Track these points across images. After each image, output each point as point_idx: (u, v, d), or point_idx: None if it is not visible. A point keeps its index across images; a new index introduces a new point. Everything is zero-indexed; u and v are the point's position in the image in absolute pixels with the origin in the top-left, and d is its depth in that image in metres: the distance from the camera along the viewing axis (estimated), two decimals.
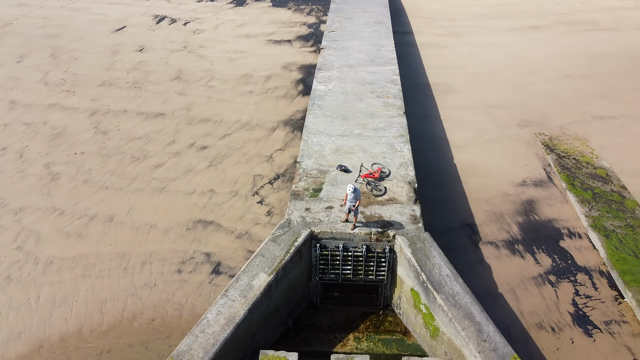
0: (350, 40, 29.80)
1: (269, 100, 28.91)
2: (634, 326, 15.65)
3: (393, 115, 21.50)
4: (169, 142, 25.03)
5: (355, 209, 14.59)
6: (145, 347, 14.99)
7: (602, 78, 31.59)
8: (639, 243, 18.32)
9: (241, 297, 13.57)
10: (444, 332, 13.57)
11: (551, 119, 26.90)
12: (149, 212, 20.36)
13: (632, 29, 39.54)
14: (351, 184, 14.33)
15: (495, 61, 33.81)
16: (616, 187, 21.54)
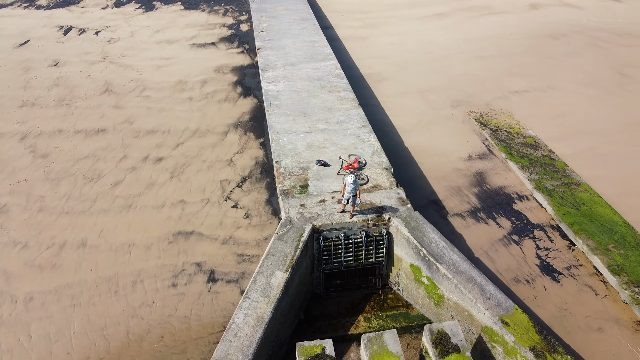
0: (283, 39, 30.44)
1: (212, 105, 28.79)
2: (588, 267, 18.28)
3: (350, 108, 22.67)
4: (121, 158, 24.18)
5: (354, 198, 15.55)
6: None
7: (508, 57, 35.19)
8: (576, 197, 21.22)
9: (264, 297, 14.04)
10: (449, 298, 15.06)
11: (476, 98, 29.66)
12: (123, 232, 19.78)
13: (523, 11, 44.17)
14: (351, 175, 15.25)
15: (413, 49, 36.23)
16: (545, 152, 24.54)
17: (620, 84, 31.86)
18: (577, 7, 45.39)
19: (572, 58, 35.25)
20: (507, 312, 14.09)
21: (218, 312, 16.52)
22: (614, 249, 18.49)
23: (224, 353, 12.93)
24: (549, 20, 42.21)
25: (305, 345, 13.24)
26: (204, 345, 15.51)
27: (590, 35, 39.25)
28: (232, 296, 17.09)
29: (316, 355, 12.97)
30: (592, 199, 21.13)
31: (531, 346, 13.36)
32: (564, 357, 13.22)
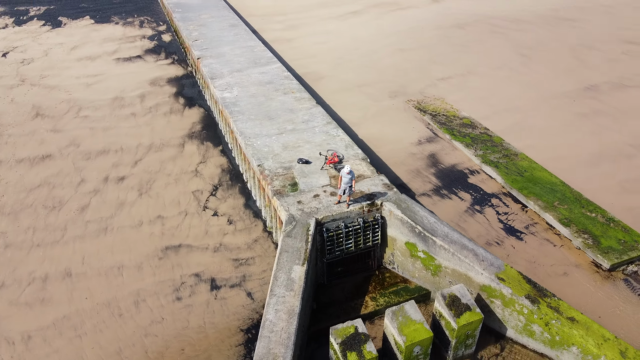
0: (220, 46, 30.66)
1: (159, 119, 28.38)
2: (542, 224, 21.03)
3: (310, 107, 23.75)
4: (79, 182, 23.26)
5: (350, 188, 16.72)
6: None
7: (426, 48, 38.19)
8: (518, 166, 24.10)
9: (289, 291, 14.79)
10: (446, 267, 16.80)
11: (409, 87, 32.07)
12: (107, 255, 19.30)
13: (426, 5, 47.78)
14: (347, 166, 16.33)
15: (340, 46, 38.03)
16: (482, 130, 27.38)
17: (523, 64, 35.98)
18: None
19: (480, 44, 39.05)
20: (500, 270, 16.08)
21: (231, 317, 16.90)
22: (559, 205, 21.42)
23: (266, 349, 13.53)
24: (450, 12, 46.13)
25: (339, 327, 14.23)
26: (226, 350, 15.88)
27: (489, 23, 43.58)
28: (239, 299, 17.52)
29: (351, 335, 14.03)
30: (531, 166, 24.13)
31: (526, 294, 15.44)
32: (553, 299, 15.46)
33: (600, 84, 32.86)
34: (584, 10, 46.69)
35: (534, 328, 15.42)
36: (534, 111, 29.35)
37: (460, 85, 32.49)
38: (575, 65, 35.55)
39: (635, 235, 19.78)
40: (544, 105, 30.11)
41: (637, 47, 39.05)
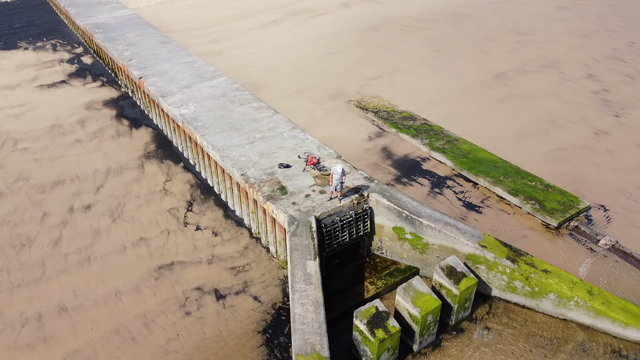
0: (159, 65, 30.48)
1: (107, 143, 27.70)
2: (494, 197, 23.83)
3: (270, 115, 24.73)
4: (41, 217, 22.29)
5: (341, 184, 18.08)
6: None
7: (350, 50, 40.49)
8: (461, 149, 26.90)
9: (309, 285, 15.85)
10: (433, 243, 18.75)
11: (346, 88, 34.05)
12: (99, 283, 18.94)
13: (339, 10, 50.31)
14: (339, 165, 17.62)
15: (270, 55, 39.12)
16: (421, 121, 30.02)
17: (439, 58, 39.54)
18: (377, 1, 53.38)
19: (396, 44, 42.14)
20: (481, 239, 18.33)
21: (244, 322, 17.52)
22: (504, 179, 24.40)
23: (302, 340, 14.51)
24: (362, 15, 49.03)
25: (362, 310, 15.55)
26: (249, 352, 16.52)
27: (399, 24, 47.00)
28: (248, 304, 18.17)
29: (374, 315, 15.42)
30: (472, 148, 27.05)
31: (506, 256, 17.82)
32: (527, 257, 17.99)
33: (507, 71, 37.15)
34: (477, 7, 51.89)
35: (516, 284, 17.83)
36: (460, 100, 32.62)
37: (390, 82, 35.06)
38: (482, 57, 39.73)
39: (569, 196, 23.19)
40: (466, 94, 33.53)
41: (525, 37, 44.37)
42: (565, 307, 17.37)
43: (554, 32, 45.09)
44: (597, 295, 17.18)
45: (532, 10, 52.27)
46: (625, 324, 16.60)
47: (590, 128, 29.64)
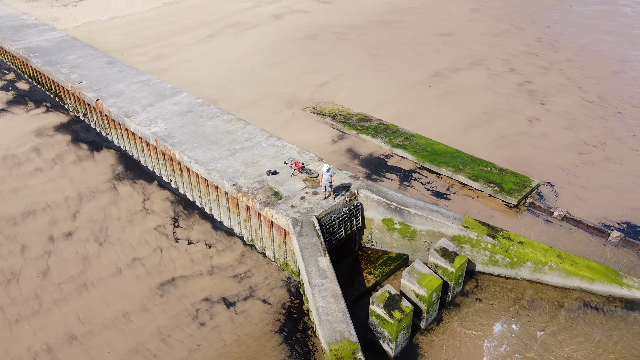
0: (112, 85, 30.02)
1: (71, 168, 26.98)
2: (457, 184, 26.17)
3: (243, 127, 25.46)
4: (21, 249, 21.52)
5: (330, 184, 19.31)
6: None
7: (293, 59, 41.79)
8: (420, 144, 29.11)
9: (325, 279, 16.96)
10: (421, 230, 20.53)
11: (298, 96, 35.34)
12: (103, 307, 18.79)
13: (271, 22, 51.46)
14: (325, 164, 18.82)
15: (217, 69, 39.47)
16: (377, 121, 31.97)
17: (378, 62, 41.94)
18: (306, 11, 55.18)
19: (335, 51, 44.07)
20: (462, 220, 20.36)
21: (260, 324, 18.23)
22: (463, 167, 26.84)
23: (331, 329, 15.61)
24: (295, 25, 50.56)
25: (377, 295, 16.88)
26: (271, 351, 17.28)
27: (332, 32, 49.04)
28: (259, 308, 18.89)
29: (388, 298, 16.82)
30: (428, 142, 29.36)
31: (486, 234, 19.96)
32: (504, 232, 20.26)
33: (441, 70, 40.26)
34: (402, 13, 55.25)
35: (497, 257, 20.02)
36: (406, 99, 35.03)
37: (338, 87, 36.81)
38: (416, 58, 42.66)
39: (521, 177, 26.02)
40: (410, 94, 36.04)
41: (450, 38, 48.10)
42: (540, 272, 19.76)
43: (473, 32, 49.22)
44: (566, 258, 19.76)
45: (448, 13, 56.50)
46: (592, 280, 19.25)
47: (523, 116, 33.10)
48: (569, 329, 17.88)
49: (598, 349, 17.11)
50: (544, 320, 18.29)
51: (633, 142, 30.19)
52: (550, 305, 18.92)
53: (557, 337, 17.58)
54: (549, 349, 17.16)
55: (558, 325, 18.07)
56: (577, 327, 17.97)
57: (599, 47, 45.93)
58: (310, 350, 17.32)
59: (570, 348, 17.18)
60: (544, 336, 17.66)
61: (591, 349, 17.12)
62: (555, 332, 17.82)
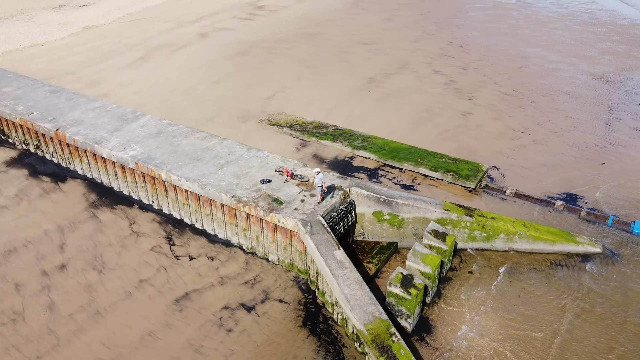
0: (67, 114, 29.25)
1: (40, 202, 26.12)
2: (419, 177, 28.91)
3: (220, 142, 26.33)
4: (15, 288, 20.84)
5: (320, 188, 21.05)
6: None
7: (232, 76, 42.74)
8: (377, 144, 31.66)
9: (345, 269, 18.64)
10: (408, 218, 22.88)
11: (250, 110, 36.51)
12: (126, 330, 18.95)
13: (199, 40, 51.81)
14: (317, 169, 20.55)
15: (159, 91, 39.37)
16: (332, 127, 34.10)
17: (314, 73, 44.19)
18: (231, 29, 56.15)
19: (270, 65, 45.68)
20: (442, 205, 23.01)
21: (284, 321, 19.45)
22: (421, 161, 29.76)
23: (362, 312, 17.34)
24: (223, 43, 51.40)
25: (393, 276, 18.87)
26: (301, 344, 18.60)
27: (262, 47, 50.57)
28: (278, 307, 20.08)
29: (403, 277, 18.89)
30: (384, 142, 32.01)
31: (464, 214, 22.78)
32: (478, 211, 23.21)
33: (374, 76, 43.42)
34: (321, 25, 58.07)
35: (475, 233, 22.89)
36: (351, 105, 37.57)
37: (285, 99, 38.49)
38: (348, 67, 45.52)
39: (472, 164, 29.43)
40: (353, 100, 38.65)
41: (373, 46, 51.63)
42: (512, 241, 22.91)
43: (392, 40, 53.24)
44: (530, 227, 23.09)
45: (362, 24, 60.28)
46: (553, 242, 22.72)
47: (457, 111, 36.98)
48: (544, 284, 21.07)
49: (568, 295, 20.43)
50: (523, 280, 21.34)
51: (551, 125, 35.06)
52: (525, 268, 22.06)
53: (537, 292, 20.68)
54: (531, 303, 20.19)
55: (535, 282, 21.20)
56: (550, 281, 21.22)
57: (500, 46, 51.86)
58: (336, 338, 18.85)
59: (549, 297, 20.33)
60: (525, 293, 20.67)
61: (562, 295, 20.39)
62: (535, 288, 20.92)
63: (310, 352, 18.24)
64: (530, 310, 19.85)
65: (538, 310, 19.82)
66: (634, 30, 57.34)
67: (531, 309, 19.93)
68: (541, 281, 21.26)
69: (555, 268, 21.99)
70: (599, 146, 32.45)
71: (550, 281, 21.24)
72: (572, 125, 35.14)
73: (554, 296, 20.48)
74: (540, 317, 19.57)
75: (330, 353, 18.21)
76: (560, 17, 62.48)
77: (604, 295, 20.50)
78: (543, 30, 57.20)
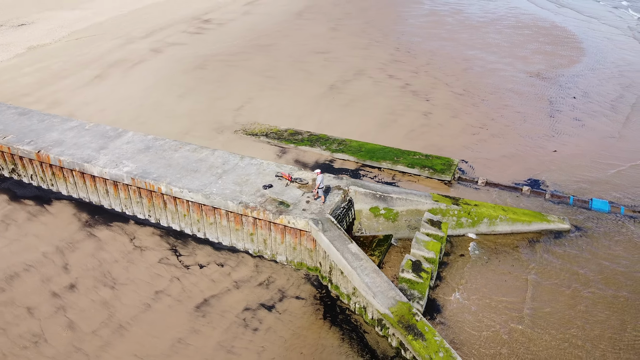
0: (45, 135, 28.63)
1: (29, 226, 25.58)
2: (398, 174, 30.94)
3: (212, 153, 27.00)
4: (27, 311, 20.55)
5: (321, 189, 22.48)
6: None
7: (197, 90, 43.05)
8: (353, 146, 33.40)
9: (360, 260, 20.11)
10: (402, 210, 24.72)
11: (223, 122, 37.17)
12: (154, 340, 19.36)
13: (153, 56, 51.47)
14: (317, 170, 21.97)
15: (125, 108, 39.01)
16: (307, 133, 35.52)
17: (277, 82, 45.36)
18: (183, 43, 56.06)
19: (231, 77, 46.36)
20: (431, 197, 25.05)
21: (305, 315, 20.58)
22: (397, 159, 31.84)
23: (385, 296, 18.88)
24: (179, 57, 51.40)
25: (404, 263, 20.58)
26: (325, 334, 19.84)
27: (218, 60, 51.07)
28: (296, 304, 21.19)
29: (413, 263, 20.65)
30: (360, 144, 33.83)
31: (452, 203, 24.95)
32: (463, 199, 25.49)
33: (334, 83, 45.30)
34: (271, 37, 59.35)
35: (462, 220, 25.12)
36: (319, 111, 39.15)
37: (254, 109, 39.41)
38: (307, 75, 47.14)
39: (444, 159, 31.88)
40: (319, 106, 40.28)
41: (327, 55, 53.54)
42: (494, 224, 25.34)
43: (343, 48, 55.48)
44: (508, 210, 25.65)
45: (309, 34, 62.15)
46: (529, 222, 25.38)
47: (418, 112, 39.57)
48: (529, 260, 23.59)
49: (542, 269, 23.05)
50: (510, 259, 23.74)
51: (504, 120, 38.41)
52: (509, 248, 24.51)
53: (526, 268, 23.14)
54: (520, 277, 22.60)
55: (519, 260, 23.67)
56: (534, 257, 23.77)
57: (443, 50, 55.50)
58: (356, 325, 20.24)
59: (531, 276, 22.83)
60: (511, 270, 23.07)
61: (541, 267, 22.98)
62: (524, 264, 23.38)
63: (336, 340, 19.50)
64: (545, 282, 22.22)
65: (549, 280, 22.23)
66: (555, 32, 63.13)
67: (523, 285, 22.31)
68: (525, 258, 23.75)
69: (533, 244, 24.58)
70: (547, 136, 36.04)
71: (534, 257, 23.78)
72: (521, 119, 38.66)
73: (537, 270, 23.00)
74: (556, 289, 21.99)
75: (354, 340, 19.56)
76: (490, 22, 67.47)
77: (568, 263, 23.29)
78: (478, 34, 61.64)
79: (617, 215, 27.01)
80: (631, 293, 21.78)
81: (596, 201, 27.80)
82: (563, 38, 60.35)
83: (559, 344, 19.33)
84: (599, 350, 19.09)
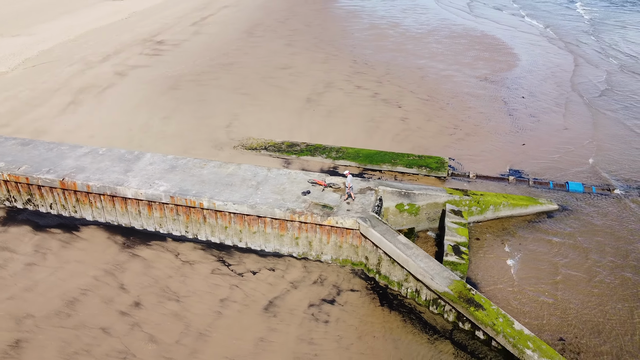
0: (61, 162, 28.39)
1: (66, 253, 25.67)
2: (399, 175, 34.00)
3: (238, 167, 28.42)
4: (102, 332, 21.08)
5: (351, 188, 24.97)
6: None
7: (179, 110, 43.68)
8: (351, 152, 36.03)
9: (411, 249, 22.70)
10: (423, 205, 27.65)
11: (218, 139, 38.37)
12: (237, 343, 20.71)
13: (118, 81, 51.17)
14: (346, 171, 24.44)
15: (114, 133, 38.96)
16: (303, 144, 37.65)
17: (254, 98, 47.00)
18: (146, 65, 55.95)
19: (208, 96, 47.37)
20: (445, 190, 28.22)
21: (364, 305, 22.79)
22: (394, 161, 34.86)
23: (441, 278, 21.58)
24: (147, 80, 51.41)
25: (447, 247, 23.43)
26: (388, 317, 22.17)
27: (188, 80, 51.76)
28: (353, 296, 23.33)
29: (453, 246, 23.57)
30: (356, 150, 36.53)
31: (462, 194, 28.27)
32: (470, 190, 28.92)
33: (309, 96, 47.76)
34: (232, 55, 60.72)
35: (473, 209, 28.51)
36: (304, 123, 41.38)
37: (244, 125, 40.92)
38: (281, 90, 49.21)
39: (436, 158, 35.36)
40: (303, 118, 42.54)
41: (292, 70, 55.85)
42: (498, 210, 28.96)
43: (305, 63, 58.09)
44: (508, 197, 29.42)
45: (267, 51, 64.21)
46: (526, 206, 29.29)
47: (395, 118, 43.01)
48: (532, 240, 27.38)
49: (547, 244, 26.96)
50: (518, 238, 27.39)
51: (471, 120, 42.78)
52: (514, 228, 28.19)
53: (531, 247, 26.86)
54: (531, 257, 26.27)
55: (523, 239, 27.39)
56: (534, 234, 27.60)
57: (397, 61, 59.81)
58: (411, 308, 22.78)
59: (541, 250, 26.60)
60: (522, 248, 26.72)
61: (543, 244, 26.85)
62: (527, 243, 27.09)
63: (399, 322, 21.90)
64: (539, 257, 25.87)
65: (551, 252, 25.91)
66: (487, 40, 69.78)
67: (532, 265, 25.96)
68: (528, 237, 27.51)
69: (532, 224, 28.46)
70: (513, 132, 40.77)
71: (534, 234, 27.60)
72: (486, 118, 43.26)
73: (541, 248, 26.80)
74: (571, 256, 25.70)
75: (414, 319, 22.06)
76: (427, 33, 73.09)
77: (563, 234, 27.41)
78: (421, 45, 66.79)
79: (590, 194, 31.68)
80: (615, 256, 26.12)
81: (572, 184, 32.37)
82: (495, 45, 66.92)
83: (586, 299, 23.02)
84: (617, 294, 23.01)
